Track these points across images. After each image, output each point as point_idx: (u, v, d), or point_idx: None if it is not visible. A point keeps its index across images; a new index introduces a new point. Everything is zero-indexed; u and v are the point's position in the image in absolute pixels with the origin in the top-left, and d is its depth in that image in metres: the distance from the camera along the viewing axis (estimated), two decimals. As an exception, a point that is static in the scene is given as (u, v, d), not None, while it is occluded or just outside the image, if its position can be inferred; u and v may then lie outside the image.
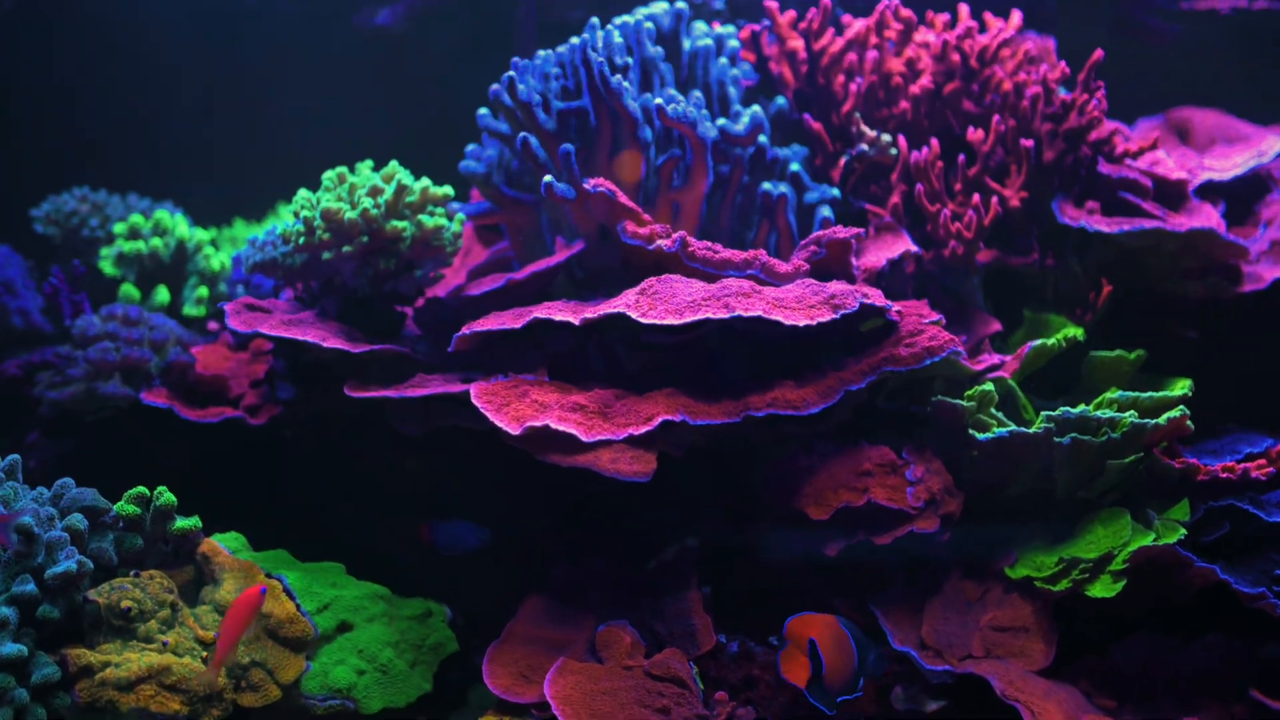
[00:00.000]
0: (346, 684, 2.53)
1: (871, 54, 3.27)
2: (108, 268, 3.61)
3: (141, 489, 2.52)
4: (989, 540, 2.74)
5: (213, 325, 3.50)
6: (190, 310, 3.56)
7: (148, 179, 4.18)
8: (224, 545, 2.67)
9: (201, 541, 2.60)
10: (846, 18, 3.40)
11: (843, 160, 3.21)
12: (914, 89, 3.25)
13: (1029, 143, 3.08)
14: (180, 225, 3.67)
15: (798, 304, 2.58)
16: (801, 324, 2.53)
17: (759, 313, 2.52)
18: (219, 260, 3.69)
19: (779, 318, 2.52)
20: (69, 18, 4.32)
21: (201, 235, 3.73)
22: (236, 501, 2.87)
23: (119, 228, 3.63)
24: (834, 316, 2.56)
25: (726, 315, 2.51)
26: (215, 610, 2.49)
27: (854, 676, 2.43)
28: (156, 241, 3.61)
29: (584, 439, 2.51)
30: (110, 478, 2.59)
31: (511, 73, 2.93)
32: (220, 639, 2.32)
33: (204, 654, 2.39)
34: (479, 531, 2.83)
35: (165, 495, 2.53)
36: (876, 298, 2.69)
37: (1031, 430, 2.64)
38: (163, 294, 3.51)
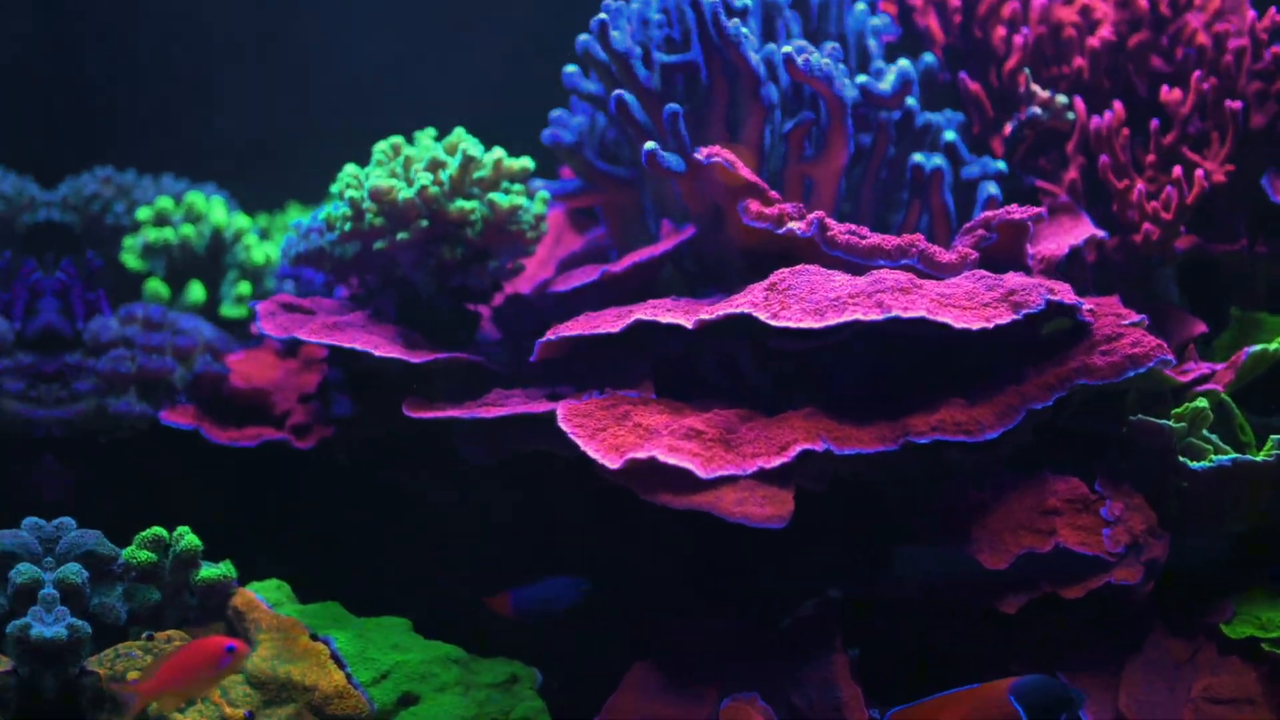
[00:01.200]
0: (410, 772, 2.26)
1: (1038, 1, 2.91)
2: (131, 260, 3.34)
3: (158, 530, 2.29)
4: (1199, 589, 2.40)
5: (255, 328, 3.19)
6: (229, 310, 3.29)
7: (190, 158, 4.00)
8: (262, 597, 2.40)
9: (235, 593, 2.34)
10: (1004, -41, 3.04)
11: (1008, 127, 2.84)
12: (1092, 42, 2.87)
13: (1235, 105, 2.68)
14: (216, 210, 3.39)
15: (969, 301, 2.21)
16: (975, 327, 2.15)
17: (921, 313, 2.14)
18: (263, 252, 3.41)
19: (947, 319, 2.15)
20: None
21: (242, 222, 3.45)
22: (279, 542, 2.73)
23: (143, 213, 3.35)
24: (1015, 317, 2.19)
25: (880, 316, 2.14)
26: (247, 682, 2.21)
27: None
28: (188, 229, 3.33)
29: (701, 475, 2.15)
30: (130, 512, 2.42)
31: (604, 17, 2.62)
32: (158, 675, 2.00)
33: (233, 737, 2.14)
34: (577, 583, 2.49)
35: (187, 538, 2.29)
36: (1065, 294, 2.30)
37: (1260, 458, 2.25)
38: (196, 291, 3.26)
